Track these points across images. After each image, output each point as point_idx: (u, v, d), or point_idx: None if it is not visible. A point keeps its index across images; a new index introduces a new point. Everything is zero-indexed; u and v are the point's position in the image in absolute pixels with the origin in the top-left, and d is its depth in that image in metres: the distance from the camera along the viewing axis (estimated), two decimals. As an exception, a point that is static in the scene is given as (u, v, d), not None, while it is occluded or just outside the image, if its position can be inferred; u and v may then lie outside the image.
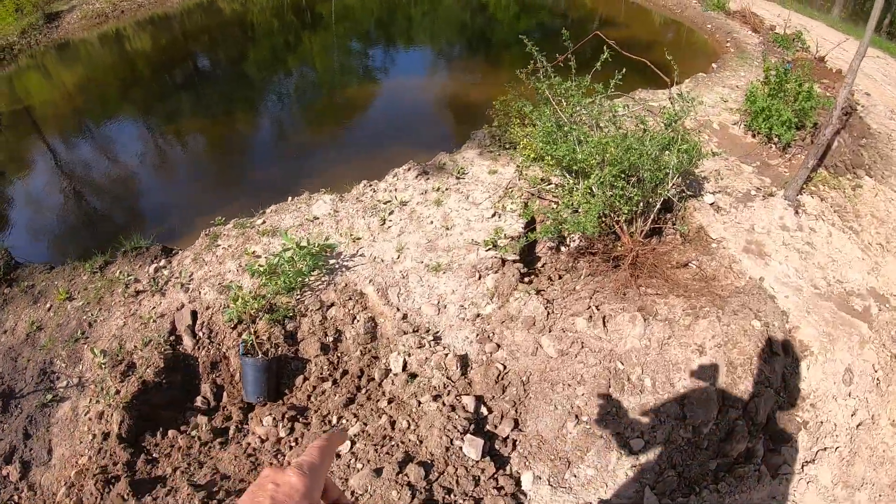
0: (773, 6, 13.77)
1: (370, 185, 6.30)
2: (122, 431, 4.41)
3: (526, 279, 5.01)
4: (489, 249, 5.14)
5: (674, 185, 4.99)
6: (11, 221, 8.96)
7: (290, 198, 6.35)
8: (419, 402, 3.92)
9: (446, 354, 4.26)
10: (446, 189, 5.98)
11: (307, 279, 5.13)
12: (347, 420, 4.05)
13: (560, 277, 5.16)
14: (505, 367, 4.10)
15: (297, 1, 19.19)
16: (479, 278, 4.91)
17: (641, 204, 4.93)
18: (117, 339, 5.08)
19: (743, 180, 6.39)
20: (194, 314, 5.10)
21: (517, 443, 3.71)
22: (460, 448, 3.53)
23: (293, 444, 4.00)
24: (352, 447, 3.77)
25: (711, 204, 5.72)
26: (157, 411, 4.65)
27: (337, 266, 5.26)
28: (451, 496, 3.33)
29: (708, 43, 12.23)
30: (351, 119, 10.58)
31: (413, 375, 4.23)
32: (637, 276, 4.73)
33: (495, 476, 3.51)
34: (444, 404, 3.82)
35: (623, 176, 4.78)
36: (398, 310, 4.80)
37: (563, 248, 5.52)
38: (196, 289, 5.29)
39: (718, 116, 8.01)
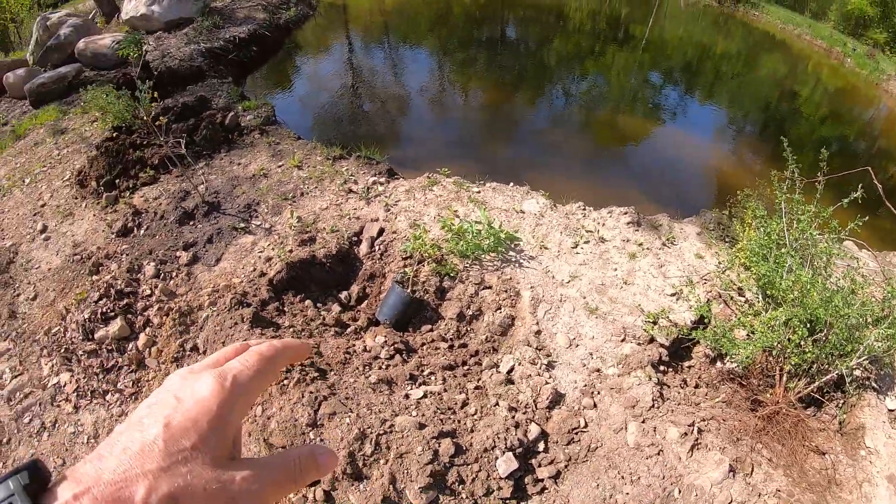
0: None
1: (583, 209, 6.59)
2: (275, 279, 5.33)
3: (662, 367, 4.97)
4: (648, 322, 5.18)
5: (858, 364, 4.57)
6: (291, 87, 10.72)
7: (510, 183, 6.86)
8: (497, 404, 4.24)
9: (547, 383, 4.49)
10: (647, 248, 6.03)
11: (483, 256, 5.64)
12: (436, 378, 4.51)
13: (696, 387, 5.03)
14: (586, 425, 4.21)
15: (616, 12, 19.44)
16: (622, 341, 4.99)
17: (814, 366, 4.60)
18: (314, 215, 6.06)
19: (945, 402, 5.54)
20: (381, 231, 5.89)
21: (545, 490, 3.84)
22: (496, 458, 3.79)
23: (383, 367, 4.55)
24: (423, 397, 4.23)
25: (891, 411, 5.09)
26: (308, 282, 5.51)
27: (512, 259, 5.70)
28: (459, 486, 3.65)
29: None
30: (610, 141, 10.75)
31: (510, 381, 4.54)
32: (765, 433, 4.47)
33: (506, 501, 3.71)
34: (512, 418, 4.09)
35: (808, 325, 4.49)
36: (537, 324, 5.11)
37: (718, 364, 5.31)
38: (395, 213, 6.08)
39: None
